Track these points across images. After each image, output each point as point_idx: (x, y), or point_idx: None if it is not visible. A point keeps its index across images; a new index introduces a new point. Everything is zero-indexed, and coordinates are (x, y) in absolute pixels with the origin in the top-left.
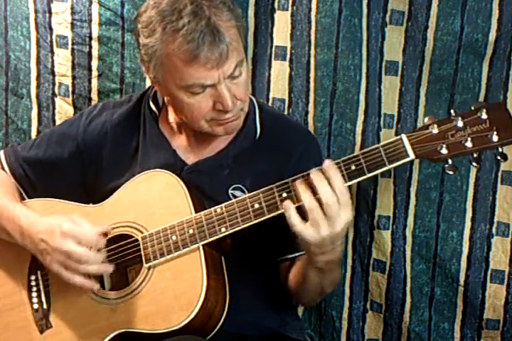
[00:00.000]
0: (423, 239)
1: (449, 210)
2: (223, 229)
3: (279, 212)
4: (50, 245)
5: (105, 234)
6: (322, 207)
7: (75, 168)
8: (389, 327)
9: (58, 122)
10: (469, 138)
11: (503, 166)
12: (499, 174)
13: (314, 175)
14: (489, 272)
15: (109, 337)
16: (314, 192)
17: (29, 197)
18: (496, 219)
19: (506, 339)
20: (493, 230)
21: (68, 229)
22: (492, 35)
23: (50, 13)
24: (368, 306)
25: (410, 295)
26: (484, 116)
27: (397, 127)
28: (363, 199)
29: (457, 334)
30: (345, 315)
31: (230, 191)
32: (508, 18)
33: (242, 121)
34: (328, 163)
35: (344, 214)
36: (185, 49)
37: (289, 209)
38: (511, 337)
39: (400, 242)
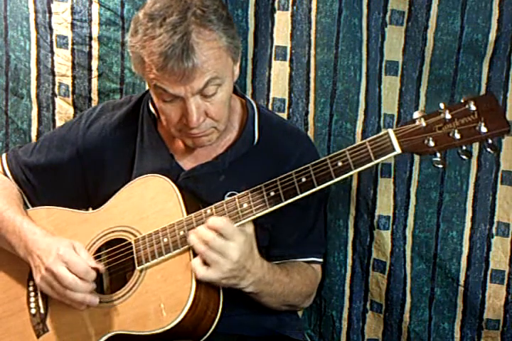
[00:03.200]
0: (423, 239)
1: (449, 210)
2: None
3: (267, 211)
4: (43, 263)
5: (97, 270)
6: (209, 246)
7: (76, 173)
8: (389, 327)
9: (58, 122)
10: (457, 130)
11: (503, 166)
12: (499, 174)
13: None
14: (489, 272)
15: (102, 340)
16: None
17: (30, 201)
18: (495, 219)
19: (506, 339)
20: (493, 230)
21: (64, 252)
22: (492, 35)
23: (50, 13)
24: (368, 306)
25: (410, 295)
26: (473, 107)
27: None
28: (363, 199)
29: (457, 334)
30: (345, 315)
31: (226, 197)
32: (508, 18)
33: (215, 138)
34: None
35: (233, 243)
36: (154, 58)
37: (195, 269)
38: (511, 337)
39: (400, 242)
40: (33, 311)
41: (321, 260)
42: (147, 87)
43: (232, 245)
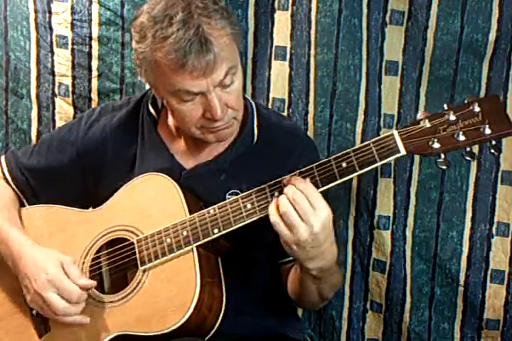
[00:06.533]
0: (423, 239)
1: (449, 210)
2: (216, 230)
3: None
4: (32, 285)
5: (87, 289)
6: (296, 209)
7: (76, 174)
8: (389, 327)
9: (58, 122)
10: (461, 132)
11: (503, 166)
12: (499, 174)
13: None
14: (489, 272)
15: (105, 340)
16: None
17: (29, 203)
18: (495, 219)
19: (506, 339)
20: (493, 230)
21: (53, 277)
22: (492, 35)
23: (50, 13)
24: (368, 306)
25: (410, 295)
26: (477, 109)
27: (397, 127)
28: (363, 199)
29: (457, 335)
30: (345, 315)
31: (227, 196)
32: (508, 18)
33: (235, 128)
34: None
35: (318, 216)
36: (172, 57)
37: (271, 208)
38: (511, 337)
39: (400, 242)
40: (35, 311)
41: None
42: (147, 87)
43: (316, 216)
